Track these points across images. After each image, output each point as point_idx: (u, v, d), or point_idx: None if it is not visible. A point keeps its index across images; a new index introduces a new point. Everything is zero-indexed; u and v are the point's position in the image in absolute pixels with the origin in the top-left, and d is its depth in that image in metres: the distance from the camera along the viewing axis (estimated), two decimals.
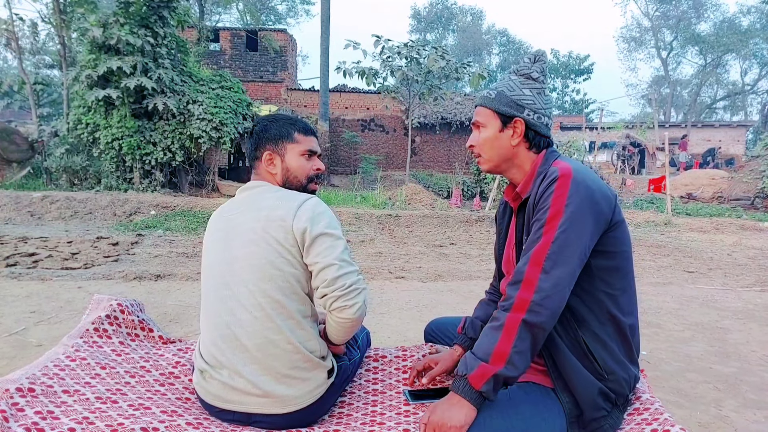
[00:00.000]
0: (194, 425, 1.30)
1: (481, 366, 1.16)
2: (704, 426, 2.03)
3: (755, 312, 3.82)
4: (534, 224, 1.25)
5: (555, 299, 1.17)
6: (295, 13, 34.27)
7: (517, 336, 1.15)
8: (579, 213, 1.20)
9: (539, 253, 1.19)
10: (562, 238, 1.19)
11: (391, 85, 13.86)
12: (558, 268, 1.17)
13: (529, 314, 1.15)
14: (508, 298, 1.20)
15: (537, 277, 1.17)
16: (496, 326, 1.19)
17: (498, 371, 1.15)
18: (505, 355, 1.15)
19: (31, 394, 1.26)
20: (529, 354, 1.18)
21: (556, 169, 1.27)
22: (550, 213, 1.21)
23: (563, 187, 1.22)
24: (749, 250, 7.11)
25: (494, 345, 1.16)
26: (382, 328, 3.16)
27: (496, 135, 1.40)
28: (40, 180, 11.44)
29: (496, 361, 1.15)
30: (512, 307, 1.17)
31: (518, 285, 1.19)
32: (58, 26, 12.02)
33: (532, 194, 1.31)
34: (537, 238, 1.21)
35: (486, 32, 43.03)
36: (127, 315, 1.80)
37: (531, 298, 1.16)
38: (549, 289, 1.16)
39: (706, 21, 34.13)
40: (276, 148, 1.51)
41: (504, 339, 1.16)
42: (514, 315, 1.17)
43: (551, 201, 1.22)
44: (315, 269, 1.35)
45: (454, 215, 9.55)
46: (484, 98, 1.43)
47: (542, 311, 1.16)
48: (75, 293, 3.73)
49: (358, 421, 1.46)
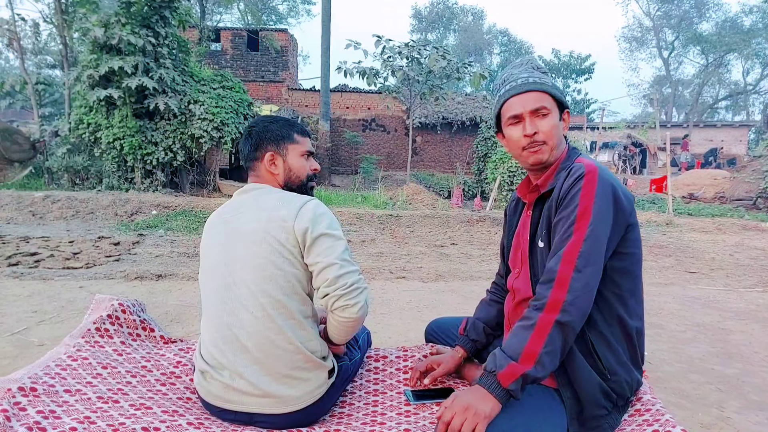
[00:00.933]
0: (195, 425, 1.30)
1: (511, 365, 1.16)
2: (706, 427, 2.03)
3: (757, 313, 3.81)
4: (561, 221, 1.24)
5: (586, 299, 1.17)
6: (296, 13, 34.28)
7: (549, 336, 1.15)
8: (606, 211, 1.20)
9: (571, 252, 1.18)
10: (593, 236, 1.18)
11: (392, 85, 13.86)
12: (589, 267, 1.17)
13: (562, 314, 1.15)
14: (541, 298, 1.19)
15: (570, 276, 1.16)
16: (527, 325, 1.18)
17: (527, 371, 1.15)
18: (535, 355, 1.15)
19: (33, 394, 1.26)
20: (559, 354, 1.18)
21: (581, 165, 1.26)
22: (579, 210, 1.20)
23: (591, 184, 1.22)
24: (751, 250, 7.10)
25: (525, 344, 1.16)
26: (383, 328, 3.15)
27: (557, 123, 1.37)
28: (41, 180, 11.46)
29: (525, 361, 1.15)
30: (545, 307, 1.17)
31: (551, 284, 1.18)
32: (60, 26, 12.03)
33: (556, 189, 1.29)
34: (567, 236, 1.20)
35: (487, 32, 43.01)
36: (128, 315, 1.80)
37: (564, 298, 1.15)
38: (581, 289, 1.16)
39: (708, 20, 34.09)
40: (278, 149, 1.52)
41: (535, 339, 1.16)
42: (547, 315, 1.16)
43: (579, 198, 1.21)
44: (316, 269, 1.35)
45: (455, 215, 9.55)
46: (542, 84, 1.35)
47: (575, 311, 1.16)
48: (76, 293, 3.73)
49: (359, 421, 1.46)
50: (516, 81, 1.38)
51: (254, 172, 1.54)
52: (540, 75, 1.38)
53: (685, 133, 23.23)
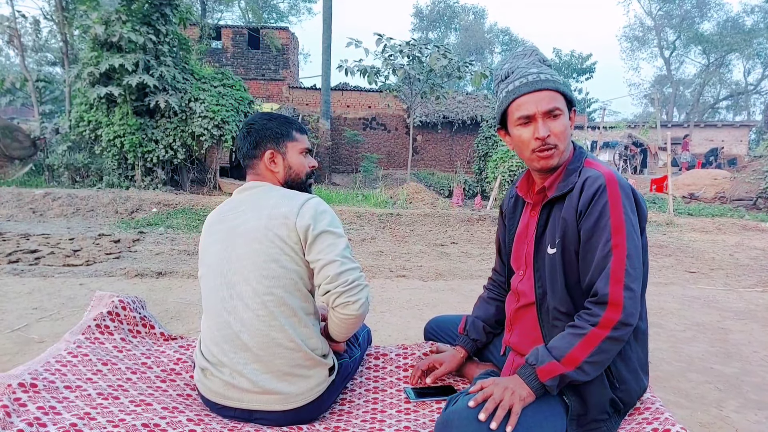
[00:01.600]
0: (195, 421, 1.31)
1: (552, 363, 1.18)
2: (705, 426, 2.03)
3: (757, 312, 3.81)
4: (594, 237, 1.22)
5: (637, 314, 1.19)
6: (297, 11, 34.24)
7: (597, 348, 1.17)
8: (635, 220, 1.22)
9: (618, 271, 1.18)
10: (634, 252, 1.19)
11: (393, 83, 13.84)
12: (636, 282, 1.18)
13: (614, 331, 1.17)
14: (594, 315, 1.19)
15: (621, 296, 1.16)
16: (577, 333, 1.20)
17: (566, 372, 1.18)
18: (578, 361, 1.17)
19: (33, 390, 1.26)
20: (604, 364, 1.20)
21: (599, 174, 1.24)
22: (613, 224, 1.19)
23: (616, 195, 1.21)
24: (751, 250, 7.10)
25: (570, 349, 1.18)
26: (383, 326, 3.16)
27: (568, 124, 1.31)
28: (42, 177, 11.45)
29: (567, 364, 1.18)
30: (598, 324, 1.18)
31: (604, 306, 1.18)
32: (60, 23, 12.02)
33: (572, 197, 1.26)
34: (607, 253, 1.19)
35: (488, 31, 42.94)
36: (128, 312, 1.80)
37: (618, 318, 1.16)
38: (632, 307, 1.17)
39: (710, 20, 34.02)
40: (278, 147, 1.52)
41: (581, 347, 1.18)
42: (598, 331, 1.17)
43: (609, 211, 1.20)
44: (317, 266, 1.35)
45: (455, 214, 9.55)
46: (554, 82, 1.27)
47: (627, 328, 1.18)
48: (77, 290, 3.73)
49: (359, 419, 1.46)
50: (526, 77, 1.29)
51: (253, 170, 1.54)
52: (550, 71, 1.32)
53: (686, 133, 23.20)
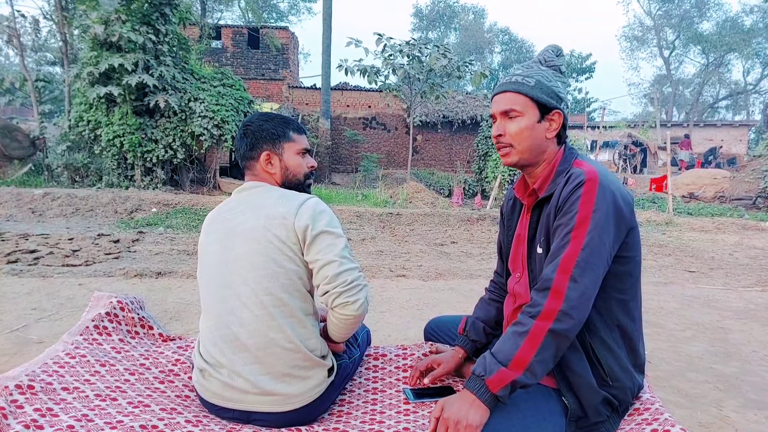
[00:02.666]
0: (193, 423, 1.30)
1: (501, 371, 1.15)
2: (705, 426, 2.03)
3: (756, 312, 3.81)
4: (559, 228, 1.22)
5: (582, 309, 1.16)
6: (297, 11, 34.20)
7: (542, 345, 1.14)
8: (605, 219, 1.19)
9: (568, 261, 1.17)
10: (591, 245, 1.17)
11: (393, 83, 13.82)
12: (586, 276, 1.16)
13: (556, 323, 1.14)
14: (536, 305, 1.18)
15: (565, 285, 1.15)
16: (520, 332, 1.17)
17: (516, 378, 1.14)
18: (526, 362, 1.14)
19: (30, 392, 1.26)
20: (551, 362, 1.18)
21: (582, 171, 1.24)
22: (578, 218, 1.19)
23: (590, 192, 1.20)
24: (751, 250, 7.10)
25: (516, 351, 1.16)
26: (382, 326, 3.15)
27: (533, 125, 1.33)
28: (41, 177, 11.43)
29: (515, 367, 1.14)
30: (539, 315, 1.16)
31: (546, 293, 1.17)
32: (60, 23, 12.01)
33: (555, 195, 1.27)
34: (564, 244, 1.19)
35: (488, 31, 42.89)
36: (127, 312, 1.80)
37: (559, 307, 1.14)
38: (576, 299, 1.15)
39: (709, 20, 34.03)
40: (274, 148, 1.51)
41: (527, 346, 1.15)
42: (540, 323, 1.15)
43: (579, 206, 1.20)
44: (316, 266, 1.35)
45: (455, 214, 9.54)
46: (520, 84, 1.32)
47: (569, 321, 1.15)
48: (76, 290, 3.73)
49: (358, 420, 1.46)
50: (504, 79, 1.38)
51: (251, 171, 1.53)
52: (533, 72, 1.34)
53: (685, 133, 23.20)
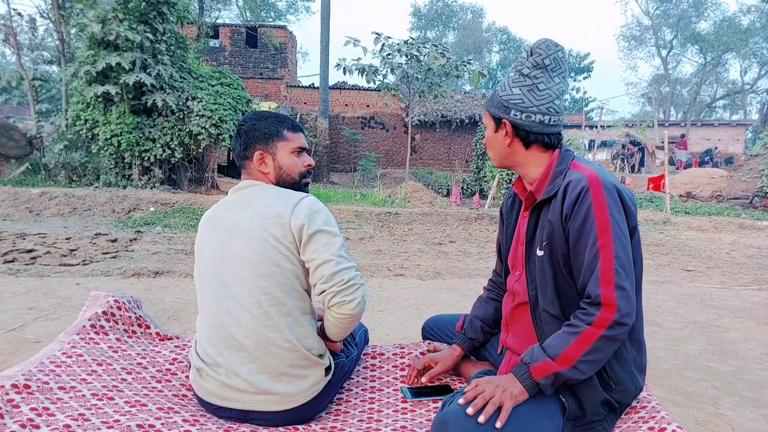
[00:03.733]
0: (191, 422, 1.30)
1: (547, 361, 1.19)
2: (701, 424, 2.04)
3: (753, 310, 3.82)
4: (581, 239, 1.23)
5: (632, 313, 1.19)
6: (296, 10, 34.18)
7: (592, 347, 1.18)
8: (621, 219, 1.22)
9: (607, 271, 1.18)
10: (622, 250, 1.19)
11: (391, 82, 13.81)
12: (626, 281, 1.19)
13: (609, 330, 1.17)
14: (589, 315, 1.19)
15: (614, 296, 1.17)
16: (572, 332, 1.20)
17: (561, 371, 1.18)
18: (573, 360, 1.18)
19: (26, 391, 1.25)
20: (599, 363, 1.21)
21: (582, 176, 1.25)
22: (599, 225, 1.20)
23: (599, 195, 1.21)
24: (748, 248, 7.11)
25: (565, 348, 1.19)
26: (381, 325, 3.16)
27: (492, 135, 1.42)
28: (38, 176, 11.40)
29: (562, 362, 1.18)
30: (593, 323, 1.18)
31: (599, 307, 1.18)
32: (57, 22, 11.96)
33: (557, 201, 1.28)
34: (595, 254, 1.20)
35: (486, 30, 42.92)
36: (124, 311, 1.79)
37: (613, 317, 1.17)
38: (626, 306, 1.17)
39: (706, 20, 34.11)
40: (267, 147, 1.49)
41: (576, 346, 1.18)
42: (593, 330, 1.18)
43: (594, 212, 1.21)
44: (312, 266, 1.34)
45: (453, 213, 9.54)
46: (485, 98, 1.41)
47: (622, 327, 1.18)
48: (73, 290, 3.72)
49: (356, 419, 1.46)
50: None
51: (246, 171, 1.53)
52: (501, 84, 1.40)
53: (682, 132, 23.24)
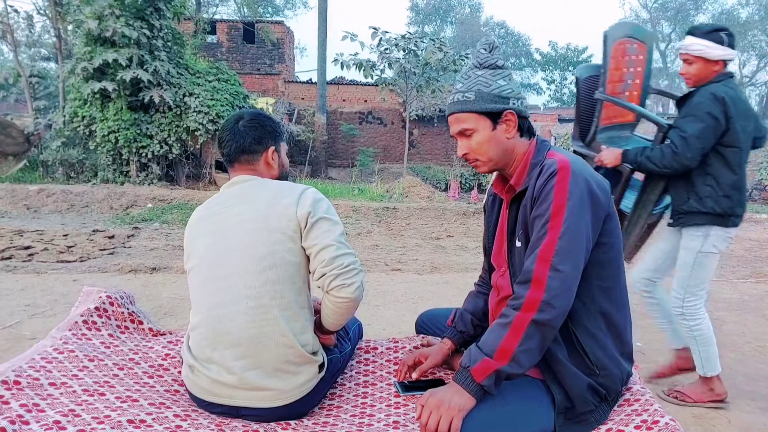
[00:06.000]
0: (182, 417, 1.30)
1: (485, 360, 1.16)
2: (698, 417, 2.04)
3: (750, 303, 3.82)
4: (536, 220, 1.23)
5: (565, 297, 1.16)
6: (293, 5, 34.04)
7: (525, 335, 1.15)
8: (580, 206, 1.19)
9: (547, 251, 1.17)
10: (568, 233, 1.17)
11: (389, 77, 13.79)
12: (566, 264, 1.16)
13: (538, 314, 1.15)
14: (518, 297, 1.18)
15: (546, 275, 1.15)
16: (504, 323, 1.18)
17: (501, 367, 1.15)
18: (510, 352, 1.15)
19: (16, 387, 1.25)
20: (537, 352, 1.18)
21: (554, 161, 1.25)
22: (553, 208, 1.19)
23: (563, 181, 1.20)
24: (745, 241, 7.11)
25: (500, 341, 1.16)
26: (377, 320, 3.16)
27: (490, 135, 1.34)
28: (36, 173, 11.38)
29: (500, 358, 1.15)
30: (522, 307, 1.16)
31: (528, 285, 1.17)
32: (54, 18, 11.91)
33: (530, 187, 1.28)
34: (542, 235, 1.19)
35: (484, 24, 42.76)
36: (116, 307, 1.79)
37: (541, 297, 1.15)
38: (558, 288, 1.15)
39: (705, 13, 33.99)
40: (277, 144, 1.56)
41: (510, 336, 1.16)
42: (523, 314, 1.16)
43: (553, 195, 1.20)
44: (314, 251, 1.36)
45: (451, 208, 9.54)
46: (462, 103, 1.34)
47: (552, 310, 1.15)
48: (70, 286, 3.72)
49: (349, 413, 1.46)
50: (449, 98, 1.39)
51: (250, 165, 1.52)
52: (471, 82, 1.33)
53: None
